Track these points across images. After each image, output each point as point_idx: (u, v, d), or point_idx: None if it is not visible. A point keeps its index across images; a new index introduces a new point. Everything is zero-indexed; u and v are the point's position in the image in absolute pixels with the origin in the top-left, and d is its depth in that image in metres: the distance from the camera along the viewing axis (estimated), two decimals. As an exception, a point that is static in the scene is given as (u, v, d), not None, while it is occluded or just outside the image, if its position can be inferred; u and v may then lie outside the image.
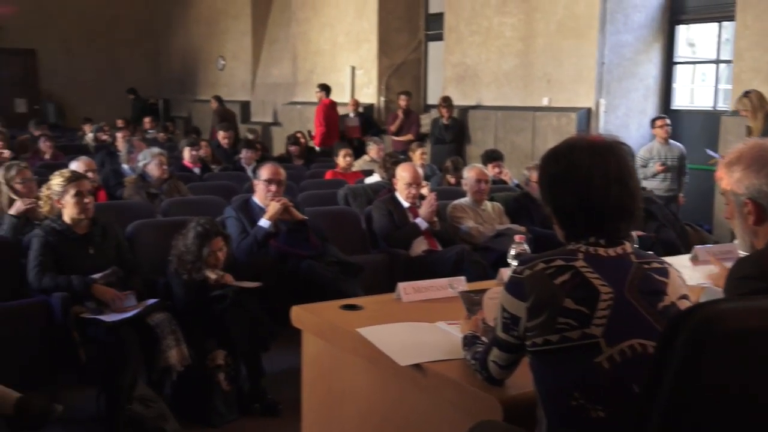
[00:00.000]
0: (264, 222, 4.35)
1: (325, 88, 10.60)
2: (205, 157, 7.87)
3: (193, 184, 6.16)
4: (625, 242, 1.75)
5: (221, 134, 9.17)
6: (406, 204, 5.00)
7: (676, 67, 8.50)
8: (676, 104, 8.54)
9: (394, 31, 11.19)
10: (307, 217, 4.46)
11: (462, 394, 2.00)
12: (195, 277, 3.78)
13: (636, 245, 1.85)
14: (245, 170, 7.48)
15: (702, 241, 5.02)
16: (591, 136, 1.78)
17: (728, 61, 7.83)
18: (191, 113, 16.26)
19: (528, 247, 2.94)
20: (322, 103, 10.46)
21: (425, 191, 5.25)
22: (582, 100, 8.28)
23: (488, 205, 5.32)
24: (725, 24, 7.99)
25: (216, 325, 3.73)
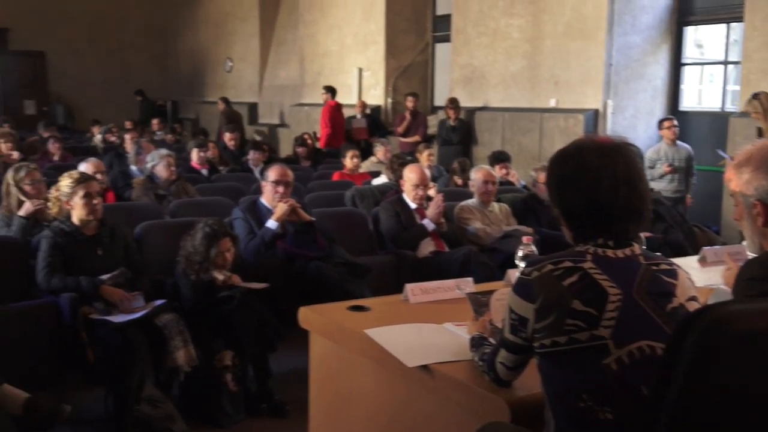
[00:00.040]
0: (271, 223, 4.36)
1: (330, 90, 10.63)
2: (213, 158, 7.88)
3: (200, 186, 6.17)
4: (634, 244, 1.75)
5: (227, 136, 9.19)
6: (413, 205, 5.00)
7: (684, 68, 8.48)
8: (684, 105, 8.51)
9: (402, 33, 11.19)
10: (314, 219, 4.46)
11: (469, 396, 1.99)
12: (203, 278, 3.78)
13: (644, 246, 1.84)
14: (253, 172, 7.50)
15: (710, 243, 5.00)
16: (599, 137, 1.78)
17: (736, 63, 7.81)
18: (199, 115, 16.30)
19: (535, 249, 2.94)
20: (328, 104, 10.50)
21: (432, 192, 5.25)
22: (589, 101, 8.26)
23: (495, 206, 5.31)
24: (733, 25, 7.97)
25: (223, 326, 3.73)
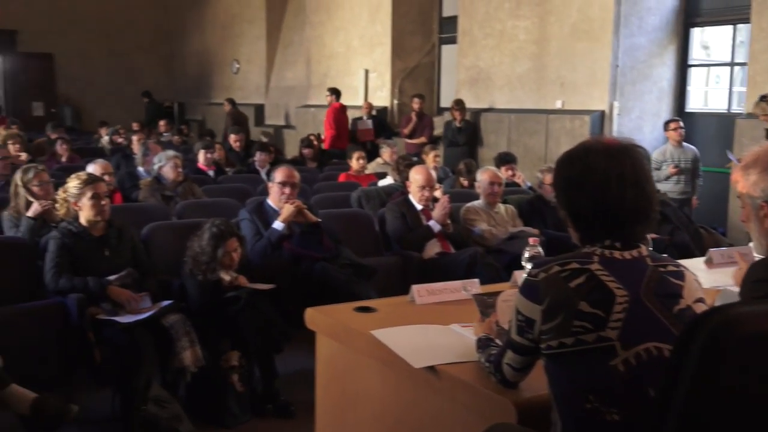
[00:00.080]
0: (278, 224, 4.36)
1: (335, 92, 10.68)
2: (220, 159, 7.90)
3: (207, 187, 6.19)
4: (641, 245, 1.75)
5: (232, 137, 9.22)
6: (419, 206, 5.00)
7: (690, 69, 8.46)
8: (690, 107, 8.49)
9: (408, 35, 11.20)
10: (320, 220, 4.47)
11: (476, 397, 1.99)
12: (210, 278, 3.79)
13: (650, 248, 1.84)
14: (259, 173, 7.52)
15: (716, 244, 4.98)
16: (606, 139, 1.78)
17: (743, 64, 7.79)
18: (205, 116, 16.33)
19: (542, 250, 2.94)
20: (332, 106, 10.55)
21: (438, 194, 5.24)
22: (595, 102, 8.25)
23: (501, 207, 5.31)
24: (740, 26, 7.95)
25: (229, 327, 3.74)
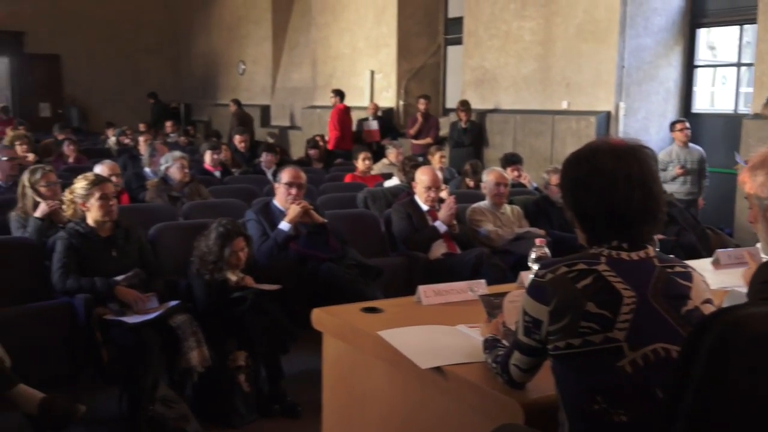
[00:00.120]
0: (284, 225, 4.37)
1: (339, 94, 10.72)
2: (226, 160, 7.91)
3: (213, 188, 6.20)
4: (648, 246, 1.75)
5: (237, 138, 9.24)
6: (425, 207, 5.01)
7: (696, 70, 8.44)
8: (696, 108, 8.47)
9: (414, 36, 11.20)
10: (326, 220, 4.47)
11: (483, 398, 1.99)
12: (216, 277, 3.80)
13: (657, 249, 1.84)
14: (265, 173, 7.53)
15: (723, 245, 4.97)
16: (613, 139, 1.77)
17: (750, 65, 7.77)
18: (211, 117, 16.37)
19: (548, 251, 2.93)
20: (336, 108, 10.60)
21: (444, 194, 5.25)
22: (601, 103, 8.24)
23: (507, 208, 5.31)
24: (746, 27, 7.93)
25: (236, 327, 3.75)
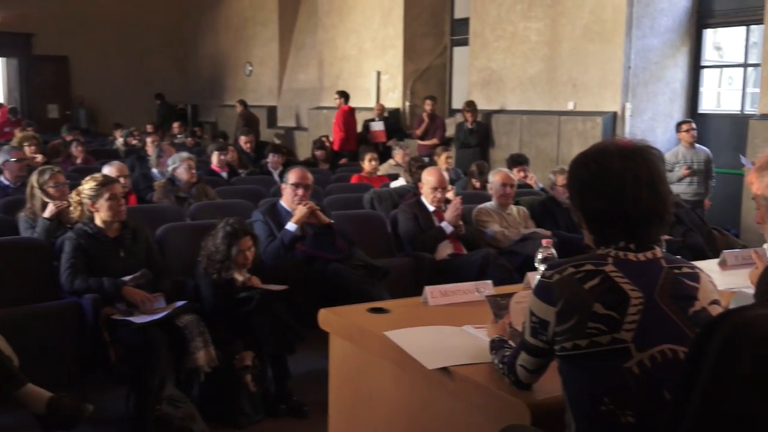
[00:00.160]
0: (291, 226, 4.38)
1: (343, 95, 10.78)
2: (233, 161, 7.93)
3: (220, 188, 6.22)
4: (656, 247, 1.74)
5: (242, 138, 9.28)
6: (431, 208, 5.01)
7: (703, 70, 8.42)
8: (703, 108, 8.45)
9: (420, 37, 11.21)
10: (333, 221, 4.48)
11: (489, 398, 1.99)
12: (224, 277, 3.82)
13: (664, 249, 1.84)
14: (272, 174, 7.55)
15: (729, 246, 4.96)
16: (621, 140, 1.76)
17: (756, 65, 7.75)
18: (218, 118, 16.41)
19: (555, 252, 2.93)
20: (341, 109, 10.66)
21: (450, 195, 5.25)
22: (608, 104, 8.22)
23: (513, 209, 5.31)
24: (753, 27, 7.91)
25: (243, 327, 3.76)
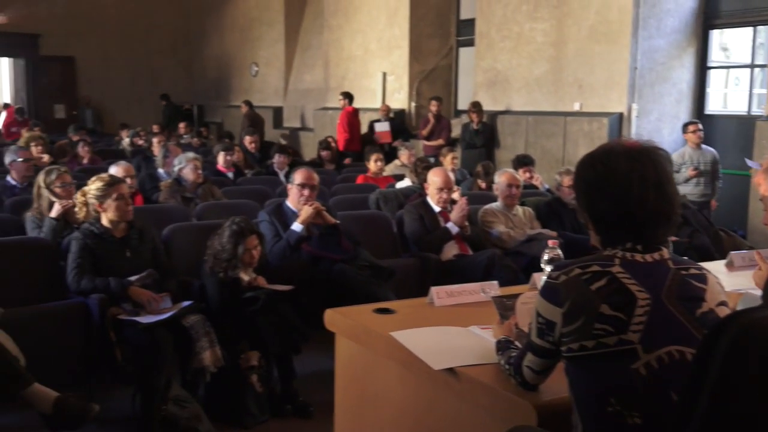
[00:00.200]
0: (297, 226, 4.38)
1: (347, 96, 10.79)
2: (239, 161, 7.94)
3: (226, 189, 6.22)
4: (663, 248, 1.74)
5: (247, 139, 9.30)
6: (437, 208, 5.01)
7: (709, 71, 8.40)
8: (709, 109, 8.43)
9: (426, 38, 11.21)
10: (338, 221, 4.48)
11: (496, 399, 1.99)
12: (230, 275, 3.82)
13: (670, 251, 1.83)
14: (278, 175, 7.56)
15: (736, 247, 4.94)
16: (628, 141, 1.76)
17: (763, 66, 7.73)
18: (224, 119, 16.43)
19: (561, 253, 2.93)
20: (345, 110, 10.69)
21: (456, 196, 5.25)
22: (614, 105, 8.21)
23: (519, 209, 5.31)
24: (760, 28, 7.90)
25: (248, 327, 3.76)
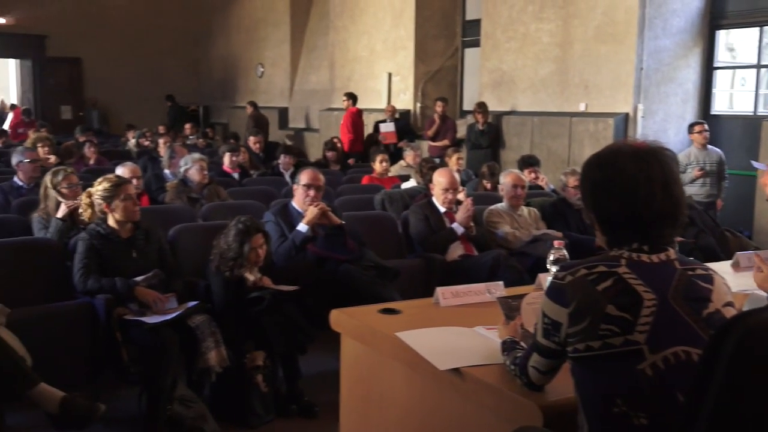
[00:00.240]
0: (302, 226, 4.39)
1: (351, 97, 10.79)
2: (244, 162, 7.95)
3: (232, 189, 6.23)
4: (669, 248, 1.74)
5: (251, 140, 9.31)
6: (442, 209, 5.01)
7: (715, 72, 8.38)
8: (715, 109, 8.41)
9: (431, 38, 11.20)
10: (344, 222, 4.49)
11: (501, 400, 1.99)
12: (236, 274, 3.83)
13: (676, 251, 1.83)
14: (283, 175, 7.56)
15: (742, 247, 4.93)
16: (634, 141, 1.76)
17: (770, 66, 7.72)
18: (230, 119, 16.46)
19: (567, 253, 2.92)
20: (349, 111, 10.70)
21: (461, 196, 5.24)
22: (620, 105, 8.19)
23: (524, 210, 5.30)
24: (766, 29, 7.87)
25: (254, 327, 3.77)
